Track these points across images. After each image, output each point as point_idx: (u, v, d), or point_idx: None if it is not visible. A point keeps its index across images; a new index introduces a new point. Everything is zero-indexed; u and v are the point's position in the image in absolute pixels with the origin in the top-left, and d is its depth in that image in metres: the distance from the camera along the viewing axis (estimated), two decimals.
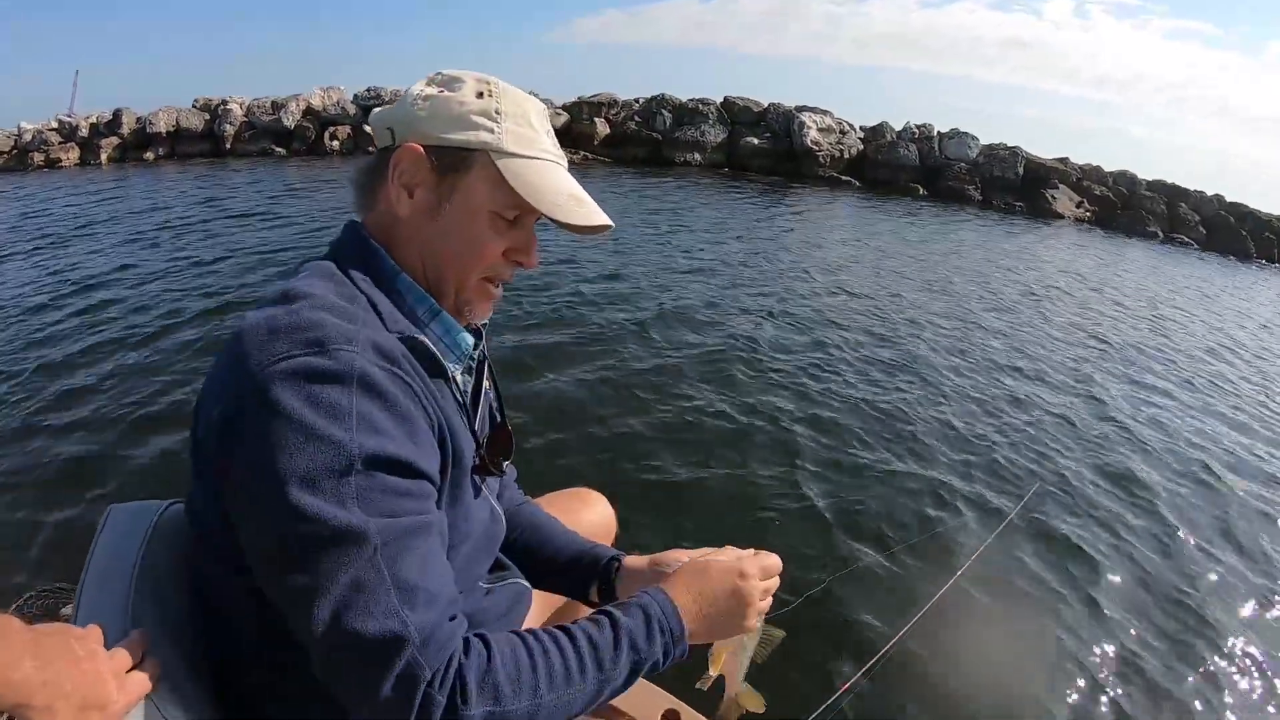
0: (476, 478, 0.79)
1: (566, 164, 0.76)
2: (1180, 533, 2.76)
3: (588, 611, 0.78)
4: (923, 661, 1.84)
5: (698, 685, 0.84)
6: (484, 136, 0.69)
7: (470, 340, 0.78)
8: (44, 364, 3.76)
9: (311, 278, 0.68)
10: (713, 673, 0.82)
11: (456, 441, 0.69)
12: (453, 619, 0.61)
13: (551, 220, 0.73)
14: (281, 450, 0.55)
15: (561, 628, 0.67)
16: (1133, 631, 2.17)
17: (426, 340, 0.69)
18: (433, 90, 0.71)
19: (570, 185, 0.73)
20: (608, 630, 0.67)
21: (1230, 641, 2.18)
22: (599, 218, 0.73)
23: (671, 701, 1.19)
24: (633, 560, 0.90)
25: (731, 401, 3.41)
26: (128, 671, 0.59)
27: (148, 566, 0.72)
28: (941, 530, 2.50)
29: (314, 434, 0.56)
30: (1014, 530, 2.50)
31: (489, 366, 0.87)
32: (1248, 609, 2.38)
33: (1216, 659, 2.11)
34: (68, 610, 0.73)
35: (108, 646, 0.60)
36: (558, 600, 1.10)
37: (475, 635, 0.62)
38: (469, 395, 0.82)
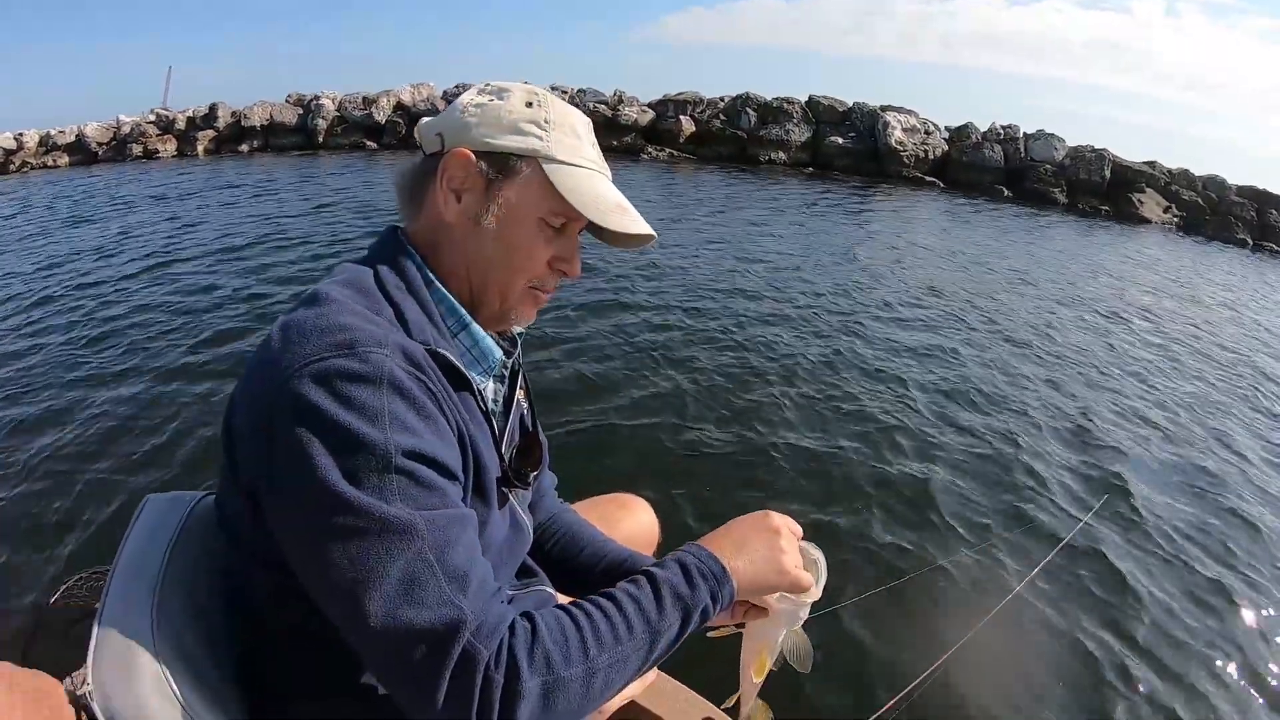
0: (503, 489, 0.78)
1: (610, 175, 0.77)
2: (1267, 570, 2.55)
3: None
4: (972, 680, 1.79)
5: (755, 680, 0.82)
6: (533, 143, 0.71)
7: (499, 354, 0.77)
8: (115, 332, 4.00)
9: (343, 284, 0.68)
10: (756, 679, 0.80)
11: (478, 450, 0.70)
12: (502, 602, 0.61)
13: (595, 233, 0.76)
14: (320, 451, 0.56)
15: (602, 592, 0.66)
16: (1208, 658, 2.05)
17: (449, 354, 0.68)
18: (483, 99, 0.73)
19: (615, 195, 0.75)
20: (646, 586, 0.67)
21: None
22: (642, 226, 0.75)
23: (709, 709, 1.18)
24: None
25: (796, 411, 3.29)
26: None
27: (178, 557, 0.72)
28: (1002, 543, 2.43)
29: (351, 433, 0.56)
30: (1082, 541, 2.43)
31: (523, 376, 0.88)
32: None
33: None
34: None
35: (133, 634, 0.62)
36: None
37: (520, 614, 0.63)
38: (500, 405, 0.83)
